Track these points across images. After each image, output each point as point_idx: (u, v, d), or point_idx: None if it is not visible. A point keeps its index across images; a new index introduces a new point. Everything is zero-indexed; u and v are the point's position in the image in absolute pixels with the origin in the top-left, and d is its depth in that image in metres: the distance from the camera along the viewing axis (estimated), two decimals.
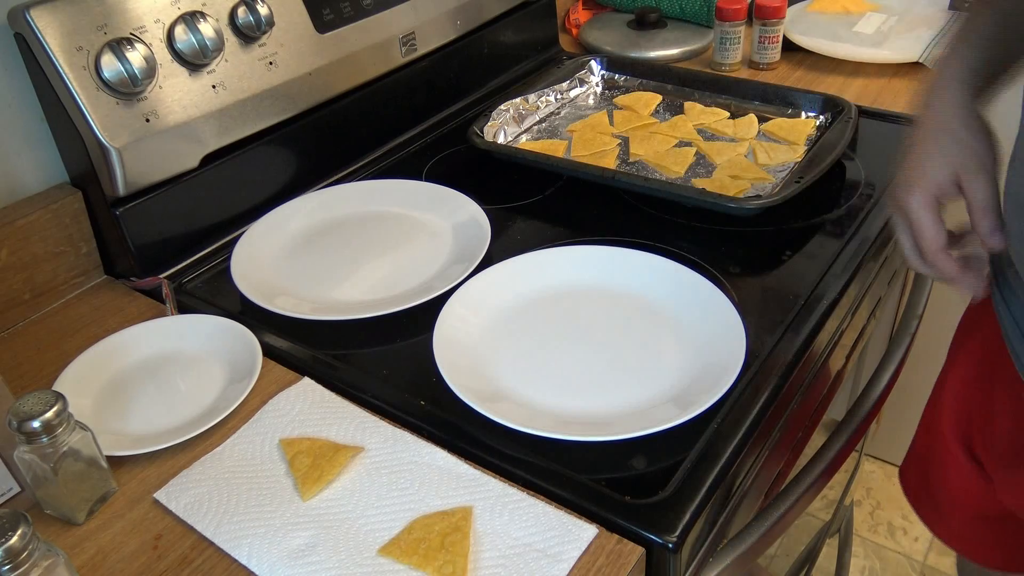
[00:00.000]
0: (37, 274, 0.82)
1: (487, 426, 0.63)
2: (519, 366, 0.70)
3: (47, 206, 0.81)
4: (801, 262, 0.82)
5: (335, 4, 0.95)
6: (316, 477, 0.61)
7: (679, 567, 0.57)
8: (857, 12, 1.32)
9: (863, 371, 1.06)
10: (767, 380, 0.67)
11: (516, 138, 1.07)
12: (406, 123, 1.11)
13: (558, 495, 0.59)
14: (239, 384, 0.70)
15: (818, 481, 0.73)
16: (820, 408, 0.84)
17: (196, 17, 0.82)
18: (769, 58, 1.22)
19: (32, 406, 0.56)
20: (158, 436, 0.66)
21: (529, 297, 0.78)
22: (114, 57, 0.77)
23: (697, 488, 0.59)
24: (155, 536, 0.59)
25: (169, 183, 0.84)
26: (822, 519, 1.24)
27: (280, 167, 0.95)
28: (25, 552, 0.47)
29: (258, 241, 0.87)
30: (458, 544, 0.55)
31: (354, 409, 0.68)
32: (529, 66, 1.27)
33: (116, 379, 0.72)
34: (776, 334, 0.72)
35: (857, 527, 1.64)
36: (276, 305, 0.77)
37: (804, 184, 0.86)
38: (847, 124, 0.96)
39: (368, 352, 0.75)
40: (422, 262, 0.85)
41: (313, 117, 0.97)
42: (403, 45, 1.05)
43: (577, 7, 1.44)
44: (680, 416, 0.62)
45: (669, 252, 0.81)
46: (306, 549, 0.57)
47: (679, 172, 0.96)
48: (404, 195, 0.94)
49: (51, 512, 0.61)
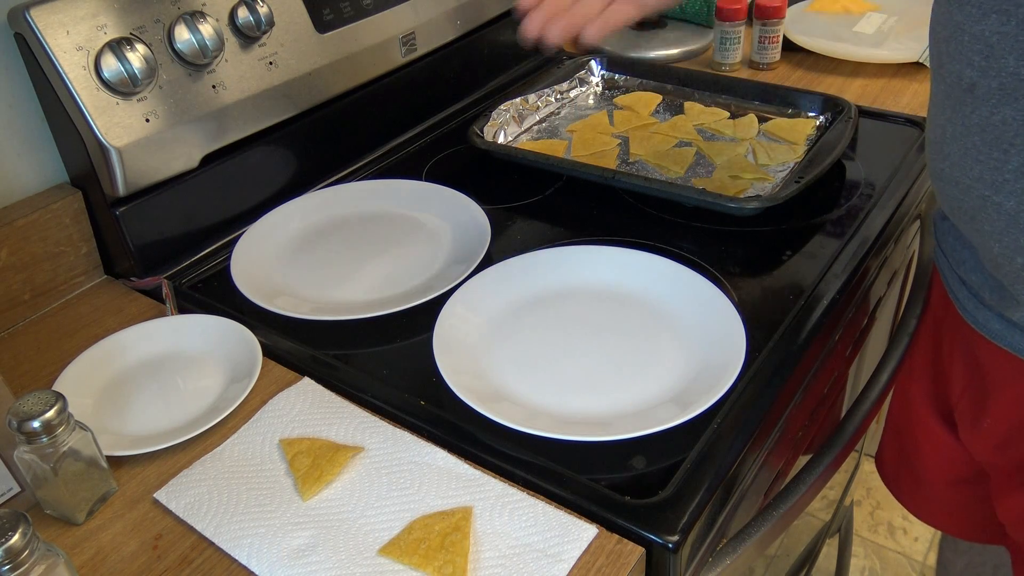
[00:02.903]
0: (37, 274, 0.82)
1: (487, 426, 0.63)
2: (519, 366, 0.70)
3: (47, 206, 0.81)
4: (801, 262, 0.82)
5: (335, 4, 0.95)
6: (316, 477, 0.61)
7: (679, 567, 0.57)
8: (857, 12, 1.32)
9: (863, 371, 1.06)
10: (767, 380, 0.67)
11: (516, 138, 1.07)
12: (406, 123, 1.11)
13: (558, 495, 0.59)
14: (239, 384, 0.70)
15: (818, 481, 0.73)
16: (820, 408, 0.84)
17: (196, 17, 0.82)
18: (769, 58, 1.22)
19: (32, 406, 0.56)
20: (158, 436, 0.66)
21: (529, 297, 0.78)
22: (114, 57, 0.77)
23: (697, 488, 0.59)
24: (155, 536, 0.59)
25: (169, 183, 0.84)
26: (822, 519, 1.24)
27: (280, 167, 0.95)
28: (25, 552, 0.47)
29: (258, 241, 0.87)
30: (458, 544, 0.55)
31: (354, 409, 0.68)
32: (529, 66, 1.27)
33: (116, 379, 0.72)
34: (776, 334, 0.72)
35: (857, 527, 1.64)
36: (276, 305, 0.77)
37: (804, 184, 0.86)
38: (847, 124, 0.96)
39: (368, 352, 0.75)
40: (422, 262, 0.85)
41: (313, 117, 0.97)
42: (403, 45, 1.05)
43: None
44: (680, 416, 0.62)
45: (669, 252, 0.81)
46: (306, 549, 0.57)
47: (679, 172, 0.96)
48: (404, 195, 0.94)
49: (51, 512, 0.61)
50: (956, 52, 0.59)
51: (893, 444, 0.93)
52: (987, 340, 0.68)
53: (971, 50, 0.57)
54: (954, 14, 0.59)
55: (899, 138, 1.01)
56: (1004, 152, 0.57)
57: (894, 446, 0.92)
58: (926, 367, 0.83)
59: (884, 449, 0.95)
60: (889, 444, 0.94)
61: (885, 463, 0.95)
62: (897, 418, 0.91)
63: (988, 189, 0.60)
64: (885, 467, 0.95)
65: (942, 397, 0.81)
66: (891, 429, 0.94)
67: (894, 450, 0.92)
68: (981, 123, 0.59)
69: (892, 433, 0.93)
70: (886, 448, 0.95)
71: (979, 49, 0.57)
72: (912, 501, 0.92)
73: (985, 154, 0.59)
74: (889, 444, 0.94)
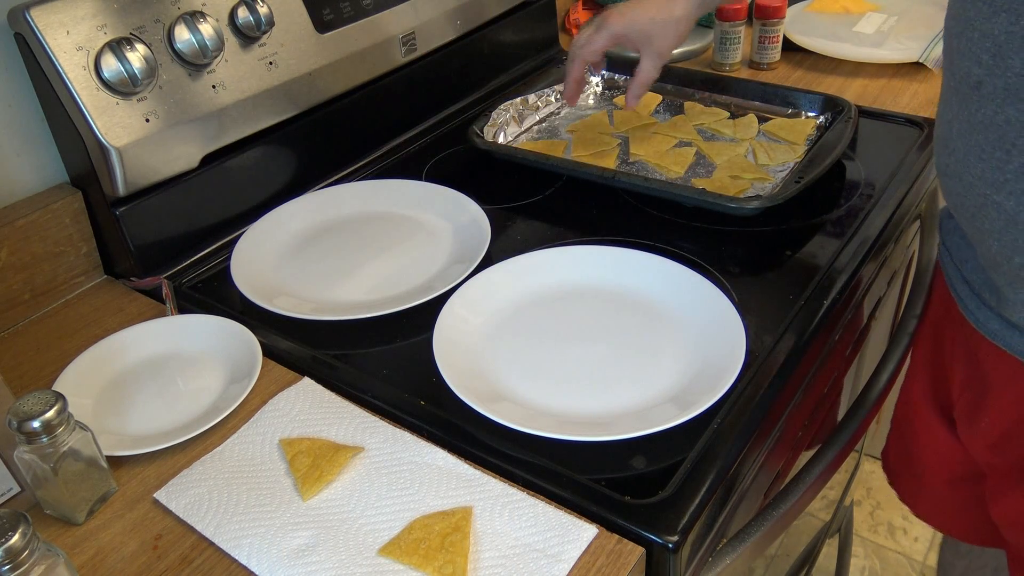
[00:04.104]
0: (37, 274, 0.82)
1: (487, 426, 0.63)
2: (519, 366, 0.70)
3: (47, 206, 0.81)
4: (801, 262, 0.82)
5: (335, 4, 0.95)
6: (316, 477, 0.61)
7: (679, 567, 0.57)
8: (857, 12, 1.32)
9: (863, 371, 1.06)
10: (767, 380, 0.67)
11: (516, 138, 1.07)
12: (406, 123, 1.11)
13: (558, 495, 0.59)
14: (239, 384, 0.70)
15: (818, 481, 0.73)
16: (820, 408, 0.84)
17: (196, 17, 0.82)
18: (769, 58, 1.22)
19: (32, 406, 0.56)
20: (158, 436, 0.66)
21: (529, 297, 0.78)
22: (114, 57, 0.77)
23: (697, 488, 0.59)
24: (155, 536, 0.59)
25: (169, 183, 0.84)
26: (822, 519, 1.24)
27: (280, 167, 0.95)
28: (25, 552, 0.47)
29: (258, 241, 0.87)
30: (458, 544, 0.55)
31: (354, 409, 0.68)
32: (529, 66, 1.27)
33: (116, 379, 0.72)
34: (776, 334, 0.72)
35: (857, 527, 1.64)
36: (276, 305, 0.77)
37: (804, 184, 0.86)
38: (847, 124, 0.96)
39: (368, 352, 0.75)
40: (422, 262, 0.85)
41: (313, 117, 0.97)
42: (403, 45, 1.05)
43: (577, 7, 1.44)
44: (680, 416, 0.62)
45: (669, 252, 0.81)
46: (306, 549, 0.57)
47: (679, 172, 0.96)
48: (404, 195, 0.94)
49: (51, 512, 0.61)
50: (966, 48, 0.59)
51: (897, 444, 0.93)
52: (987, 339, 0.68)
53: (980, 47, 0.57)
54: (967, 9, 0.59)
55: (899, 138, 1.01)
56: (1006, 152, 0.57)
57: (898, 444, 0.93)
58: (927, 365, 0.83)
59: (889, 448, 0.95)
60: (893, 444, 0.94)
61: (889, 462, 0.95)
62: (899, 418, 0.91)
63: (989, 188, 0.60)
64: (889, 466, 0.95)
65: (943, 395, 0.81)
66: (895, 429, 0.94)
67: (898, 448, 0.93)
68: (985, 121, 0.59)
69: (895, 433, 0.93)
70: (890, 447, 0.95)
71: (987, 47, 0.57)
72: (913, 500, 0.92)
73: (988, 152, 0.59)
74: (893, 444, 0.94)
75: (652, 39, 0.87)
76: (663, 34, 0.87)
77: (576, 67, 0.92)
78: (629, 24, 0.87)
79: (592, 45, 0.89)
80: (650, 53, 0.88)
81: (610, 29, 0.88)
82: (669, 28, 0.87)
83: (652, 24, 0.86)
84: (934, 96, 1.11)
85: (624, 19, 0.87)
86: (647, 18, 0.86)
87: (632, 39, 0.88)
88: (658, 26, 0.86)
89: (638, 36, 0.87)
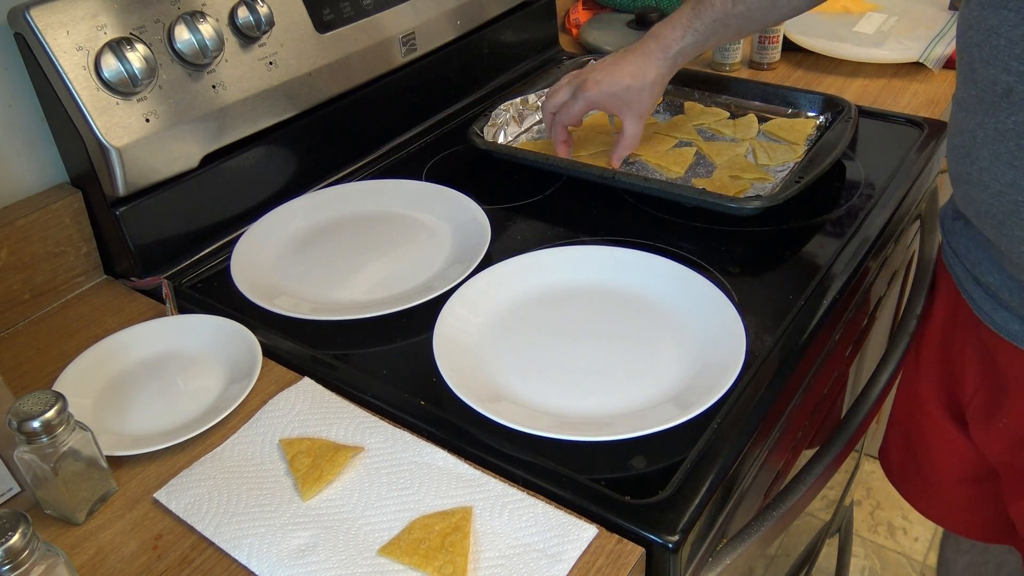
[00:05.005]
0: (37, 274, 0.82)
1: (487, 426, 0.63)
2: (519, 366, 0.70)
3: (47, 206, 0.81)
4: (801, 262, 0.82)
5: (335, 4, 0.95)
6: (316, 477, 0.61)
7: (679, 567, 0.57)
8: (857, 12, 1.32)
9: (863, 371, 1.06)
10: (767, 380, 0.67)
11: (516, 138, 1.07)
12: (406, 123, 1.11)
13: (558, 495, 0.59)
14: (239, 384, 0.70)
15: (818, 481, 0.73)
16: (820, 408, 0.84)
17: (196, 17, 0.82)
18: (769, 58, 1.22)
19: (32, 406, 0.56)
20: (158, 436, 0.66)
21: (529, 297, 0.78)
22: (114, 57, 0.77)
23: (697, 488, 0.59)
24: (155, 536, 0.59)
25: (169, 183, 0.84)
26: (822, 519, 1.24)
27: (280, 167, 0.95)
28: (25, 552, 0.47)
29: (258, 241, 0.87)
30: (458, 544, 0.55)
31: (354, 409, 0.68)
32: (529, 66, 1.27)
33: (116, 379, 0.72)
34: (776, 334, 0.72)
35: (857, 527, 1.64)
36: (276, 305, 0.77)
37: (804, 184, 0.86)
38: (847, 124, 0.96)
39: (368, 352, 0.75)
40: (422, 262, 0.85)
41: (313, 117, 0.96)
42: (403, 45, 1.05)
43: (577, 7, 1.44)
44: (680, 416, 0.62)
45: (669, 252, 0.81)
46: (306, 549, 0.57)
47: (679, 172, 0.96)
48: (404, 195, 0.94)
49: (51, 512, 0.61)
50: (991, 57, 0.58)
51: (900, 443, 0.93)
52: (1004, 341, 0.68)
53: (1008, 55, 0.56)
54: (988, 18, 0.58)
55: (899, 138, 1.01)
56: None
57: (901, 445, 0.92)
58: (935, 365, 0.83)
59: (889, 448, 0.95)
60: (895, 443, 0.94)
61: (891, 462, 0.95)
62: (903, 417, 0.91)
63: (1022, 195, 0.59)
64: (891, 466, 0.95)
65: (953, 395, 0.81)
66: (896, 428, 0.93)
67: (901, 449, 0.92)
68: (1017, 128, 0.58)
69: (898, 432, 0.93)
70: (892, 447, 0.95)
71: (1017, 54, 0.56)
72: (920, 500, 0.92)
73: (1020, 159, 0.58)
74: (895, 443, 0.94)
75: (630, 104, 0.89)
76: (639, 99, 0.89)
77: (559, 132, 0.94)
78: (605, 92, 0.89)
79: (570, 113, 0.91)
80: (630, 116, 0.90)
81: (586, 98, 0.89)
82: (644, 93, 0.88)
83: (627, 91, 0.88)
84: (934, 96, 1.11)
85: (599, 87, 0.88)
86: (622, 86, 0.88)
87: (609, 106, 0.90)
88: (633, 92, 0.88)
89: (615, 103, 0.89)
